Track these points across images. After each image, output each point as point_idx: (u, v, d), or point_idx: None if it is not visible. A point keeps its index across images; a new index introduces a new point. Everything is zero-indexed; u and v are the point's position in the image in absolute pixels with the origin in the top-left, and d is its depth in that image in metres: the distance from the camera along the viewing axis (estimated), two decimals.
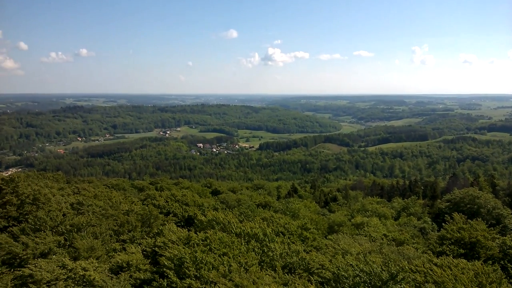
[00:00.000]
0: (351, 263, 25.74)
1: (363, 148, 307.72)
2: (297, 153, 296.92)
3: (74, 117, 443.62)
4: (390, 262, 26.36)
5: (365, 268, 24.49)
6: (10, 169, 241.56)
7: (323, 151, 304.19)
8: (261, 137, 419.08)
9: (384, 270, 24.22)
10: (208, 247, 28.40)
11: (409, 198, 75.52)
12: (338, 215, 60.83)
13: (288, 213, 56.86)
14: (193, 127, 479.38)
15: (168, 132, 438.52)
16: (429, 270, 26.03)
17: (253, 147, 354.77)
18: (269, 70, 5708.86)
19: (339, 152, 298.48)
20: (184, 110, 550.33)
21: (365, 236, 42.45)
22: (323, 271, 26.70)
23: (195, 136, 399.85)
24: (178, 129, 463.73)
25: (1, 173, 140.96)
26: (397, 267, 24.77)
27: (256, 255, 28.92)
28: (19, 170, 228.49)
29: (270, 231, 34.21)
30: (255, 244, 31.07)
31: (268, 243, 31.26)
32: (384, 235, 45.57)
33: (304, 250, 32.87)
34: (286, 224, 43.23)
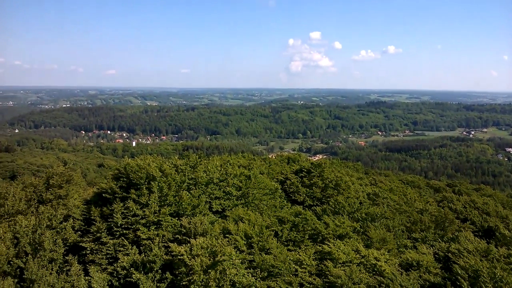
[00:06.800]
0: None
1: None
2: None
3: (377, 112, 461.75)
4: None
5: None
6: (318, 155, 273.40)
7: None
8: None
9: None
10: (511, 266, 24.97)
11: None
12: None
13: None
14: (503, 129, 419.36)
15: (473, 132, 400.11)
16: None
17: None
18: None
19: None
20: (493, 109, 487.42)
21: None
22: None
23: (504, 139, 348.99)
24: (485, 130, 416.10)
25: (311, 158, 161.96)
26: None
27: None
28: (324, 157, 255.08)
29: None
30: None
31: None
32: None
33: None
34: None
